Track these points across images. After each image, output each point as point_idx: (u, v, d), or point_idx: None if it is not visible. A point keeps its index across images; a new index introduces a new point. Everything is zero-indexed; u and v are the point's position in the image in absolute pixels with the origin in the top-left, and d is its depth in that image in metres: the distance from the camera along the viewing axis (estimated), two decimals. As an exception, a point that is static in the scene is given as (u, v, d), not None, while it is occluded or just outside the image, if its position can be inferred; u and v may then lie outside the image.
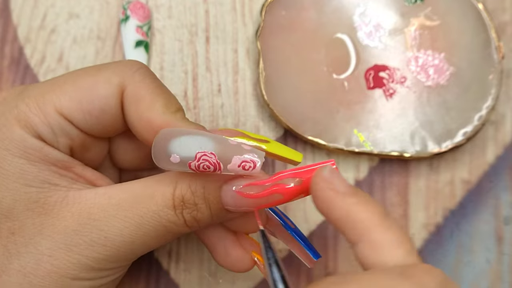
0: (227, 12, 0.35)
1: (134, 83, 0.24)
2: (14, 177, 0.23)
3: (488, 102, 0.33)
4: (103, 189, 0.24)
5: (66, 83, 0.24)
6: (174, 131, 0.23)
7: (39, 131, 0.24)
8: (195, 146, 0.22)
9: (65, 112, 0.24)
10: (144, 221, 0.24)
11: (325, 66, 0.34)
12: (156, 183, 0.24)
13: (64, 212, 0.24)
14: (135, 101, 0.24)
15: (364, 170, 0.34)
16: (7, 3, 0.35)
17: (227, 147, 0.22)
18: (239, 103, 0.34)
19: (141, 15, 0.34)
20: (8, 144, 0.23)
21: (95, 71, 0.25)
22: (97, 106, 0.24)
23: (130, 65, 0.25)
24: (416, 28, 0.35)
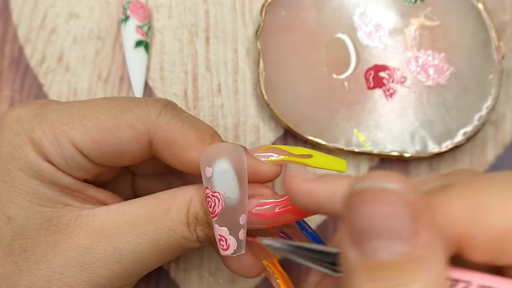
0: (227, 12, 0.35)
1: (162, 129, 0.24)
2: (28, 196, 0.23)
3: (488, 102, 0.33)
4: (116, 206, 0.24)
5: (86, 118, 0.24)
6: (233, 155, 0.23)
7: (53, 160, 0.24)
8: (224, 187, 0.23)
9: (82, 148, 0.24)
10: (159, 237, 0.24)
11: (325, 66, 0.34)
12: (170, 199, 0.24)
13: (78, 230, 0.24)
14: (168, 146, 0.24)
15: (364, 170, 0.34)
16: (7, 3, 0.35)
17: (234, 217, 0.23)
18: (239, 103, 0.34)
19: (141, 15, 0.34)
20: (23, 165, 0.23)
21: (118, 111, 0.24)
22: (116, 149, 0.24)
23: (153, 108, 0.24)
24: (416, 28, 0.35)
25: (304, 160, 0.24)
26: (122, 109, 0.24)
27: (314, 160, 0.24)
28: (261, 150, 0.25)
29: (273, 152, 0.25)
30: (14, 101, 0.34)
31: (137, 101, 0.25)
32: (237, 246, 0.23)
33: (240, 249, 0.23)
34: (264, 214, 0.23)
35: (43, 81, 0.34)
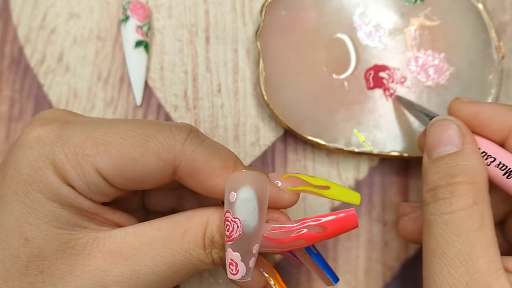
0: (227, 12, 0.35)
1: (187, 158, 0.24)
2: (47, 219, 0.23)
3: (488, 102, 0.33)
4: (133, 228, 0.25)
5: (111, 145, 0.24)
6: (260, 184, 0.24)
7: (74, 184, 0.23)
8: (246, 215, 0.23)
9: (106, 174, 0.24)
10: (176, 259, 0.24)
11: (325, 66, 0.34)
12: (187, 222, 0.25)
13: (95, 252, 0.24)
14: (193, 174, 0.24)
15: (364, 170, 0.34)
16: (7, 3, 0.35)
17: (248, 245, 0.23)
18: (239, 103, 0.34)
19: (141, 15, 0.34)
20: (43, 188, 0.23)
21: (143, 140, 0.24)
22: (140, 176, 0.24)
23: (179, 136, 0.24)
24: (416, 28, 0.35)
25: (322, 191, 0.26)
26: (147, 137, 0.24)
27: (331, 192, 0.26)
28: (283, 178, 0.26)
29: (294, 181, 0.26)
30: (14, 101, 0.34)
31: (161, 128, 0.24)
32: (245, 273, 0.24)
33: (247, 276, 0.24)
34: (278, 239, 0.24)
35: (43, 81, 0.34)
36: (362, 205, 0.34)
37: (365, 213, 0.34)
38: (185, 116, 0.34)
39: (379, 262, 0.33)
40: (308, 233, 0.24)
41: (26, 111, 0.34)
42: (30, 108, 0.34)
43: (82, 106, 0.34)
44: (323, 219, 0.24)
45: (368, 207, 0.34)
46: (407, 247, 0.34)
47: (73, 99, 0.34)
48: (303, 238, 0.24)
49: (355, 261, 0.33)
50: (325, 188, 0.26)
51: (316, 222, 0.24)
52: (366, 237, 0.34)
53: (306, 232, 0.24)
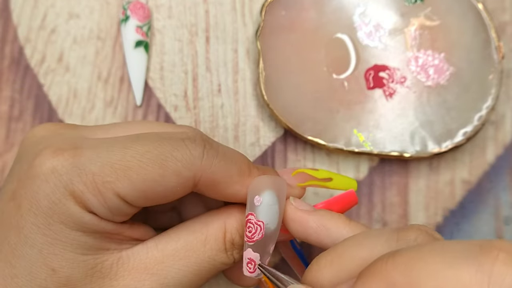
0: (227, 12, 0.35)
1: (207, 172, 0.25)
2: (71, 248, 0.24)
3: (488, 102, 0.33)
4: (153, 242, 0.25)
5: (131, 170, 0.23)
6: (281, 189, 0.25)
7: (97, 211, 0.24)
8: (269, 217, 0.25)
9: (128, 199, 0.24)
10: (201, 267, 0.25)
11: (325, 66, 0.34)
12: (205, 228, 0.26)
13: (121, 272, 0.24)
14: (212, 185, 0.25)
15: (364, 170, 0.34)
16: (7, 3, 0.35)
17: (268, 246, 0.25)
18: (239, 103, 0.34)
19: (141, 15, 0.34)
20: (65, 219, 0.23)
21: (162, 161, 0.24)
22: (162, 195, 0.24)
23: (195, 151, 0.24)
24: (416, 28, 0.35)
25: (326, 183, 0.28)
26: (165, 157, 0.24)
27: (333, 183, 0.28)
28: (292, 176, 0.28)
29: (302, 178, 0.28)
30: (14, 101, 0.34)
31: (177, 145, 0.24)
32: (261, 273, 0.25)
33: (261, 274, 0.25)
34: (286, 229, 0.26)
35: (43, 81, 0.34)
36: (362, 205, 0.34)
37: (365, 213, 0.34)
38: (185, 116, 0.34)
39: (379, 262, 0.33)
40: None
41: (26, 111, 0.34)
42: (30, 108, 0.34)
43: (82, 106, 0.34)
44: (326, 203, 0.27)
45: (368, 207, 0.34)
46: (407, 247, 0.34)
47: (73, 99, 0.34)
48: None
49: (355, 261, 0.33)
50: (328, 180, 0.28)
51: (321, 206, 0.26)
52: (366, 237, 0.34)
53: None
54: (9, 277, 0.23)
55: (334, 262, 0.22)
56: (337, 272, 0.22)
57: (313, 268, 0.23)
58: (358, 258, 0.21)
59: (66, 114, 0.34)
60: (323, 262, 0.23)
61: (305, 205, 0.26)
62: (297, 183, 0.27)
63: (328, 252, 0.23)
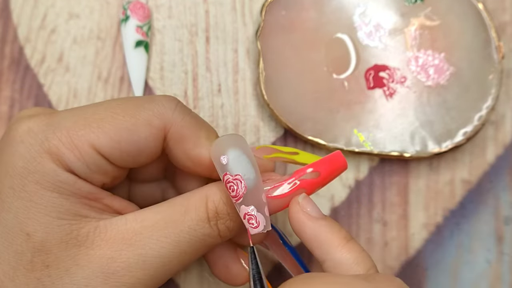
0: (227, 12, 0.35)
1: (176, 125, 0.25)
2: (46, 211, 0.23)
3: (488, 102, 0.33)
4: (133, 215, 0.25)
5: (104, 120, 0.24)
6: (242, 143, 0.25)
7: (73, 167, 0.23)
8: (243, 169, 0.24)
9: (103, 150, 0.24)
10: (180, 238, 0.24)
11: (325, 66, 0.34)
12: (186, 200, 0.25)
13: (98, 241, 0.24)
14: (181, 141, 0.25)
15: (364, 170, 0.34)
16: (7, 3, 0.35)
17: (257, 195, 0.24)
18: (239, 103, 0.34)
19: (141, 15, 0.34)
20: (40, 178, 0.23)
21: (133, 110, 0.24)
22: (136, 147, 0.24)
23: (168, 104, 0.25)
24: (416, 28, 0.35)
25: (293, 156, 0.28)
26: (137, 107, 0.24)
27: (299, 156, 0.28)
28: (256, 149, 0.28)
29: (266, 151, 0.28)
30: (14, 101, 0.34)
31: (150, 99, 0.25)
32: (266, 222, 0.24)
33: (268, 226, 0.24)
34: (280, 195, 0.25)
35: (43, 81, 0.34)
36: (362, 205, 0.34)
37: (365, 213, 0.34)
38: (185, 116, 0.34)
39: (379, 262, 0.33)
40: (305, 181, 0.25)
41: (26, 111, 0.34)
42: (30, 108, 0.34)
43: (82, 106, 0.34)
44: (314, 165, 0.26)
45: (368, 207, 0.34)
46: (407, 247, 0.34)
47: (73, 99, 0.34)
48: (302, 187, 0.25)
49: (355, 261, 0.33)
50: (294, 154, 0.28)
51: (310, 169, 0.25)
52: (366, 237, 0.34)
53: (303, 181, 0.25)
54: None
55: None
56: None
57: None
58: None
59: (66, 114, 0.34)
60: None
61: (312, 208, 0.25)
62: (263, 155, 0.27)
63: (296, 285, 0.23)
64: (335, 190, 0.34)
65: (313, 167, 0.26)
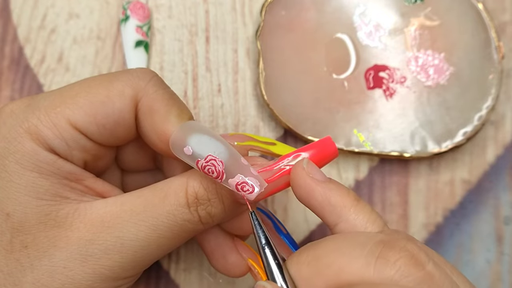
0: (227, 12, 0.35)
1: (148, 96, 0.25)
2: (26, 191, 0.23)
3: (488, 102, 0.33)
4: (113, 199, 0.25)
5: (78, 95, 0.24)
6: (198, 127, 0.24)
7: (52, 145, 0.23)
8: (210, 148, 0.23)
9: (79, 125, 0.24)
10: (159, 222, 0.24)
11: (325, 66, 0.34)
12: (166, 185, 0.25)
13: (77, 223, 0.24)
14: (149, 113, 0.25)
15: (364, 170, 0.34)
16: (7, 3, 0.35)
17: (237, 162, 0.23)
18: (239, 103, 0.34)
19: (141, 15, 0.34)
20: (20, 158, 0.23)
21: (107, 82, 0.24)
22: (111, 119, 0.24)
23: (143, 75, 0.25)
24: (416, 28, 0.35)
25: (269, 147, 0.26)
26: (111, 79, 0.24)
27: (276, 148, 0.26)
28: (229, 135, 0.26)
29: (240, 138, 0.26)
30: (14, 101, 0.34)
31: (125, 72, 0.25)
32: (259, 182, 0.23)
33: (263, 184, 0.23)
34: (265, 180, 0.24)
35: (43, 81, 0.34)
36: (362, 205, 0.34)
37: (365, 213, 0.34)
38: (185, 116, 0.34)
39: (379, 262, 0.33)
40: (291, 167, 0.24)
41: (26, 111, 0.34)
42: (30, 108, 0.34)
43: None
44: (302, 150, 0.24)
45: (368, 207, 0.34)
46: (407, 247, 0.34)
47: (73, 99, 0.34)
48: (287, 174, 0.24)
49: (355, 261, 0.33)
50: (271, 144, 0.26)
51: (296, 154, 0.24)
52: (366, 237, 0.34)
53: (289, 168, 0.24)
54: None
55: (311, 264, 0.22)
56: (312, 275, 0.21)
57: (293, 260, 0.22)
58: (336, 266, 0.21)
59: (66, 114, 0.34)
60: (303, 258, 0.22)
61: (317, 172, 0.24)
62: (235, 142, 0.26)
63: (309, 249, 0.22)
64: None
65: (301, 151, 0.25)
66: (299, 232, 0.34)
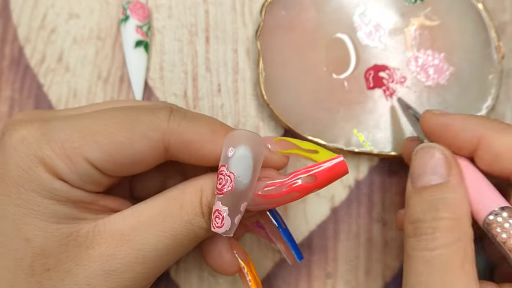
0: (227, 12, 0.35)
1: (176, 133, 0.24)
2: (45, 216, 0.23)
3: (488, 102, 0.33)
4: (129, 210, 0.25)
5: (98, 134, 0.24)
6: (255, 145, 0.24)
7: (66, 178, 0.24)
8: (240, 168, 0.24)
9: (96, 163, 0.24)
10: (177, 232, 0.24)
11: (325, 66, 0.34)
12: (181, 194, 0.25)
13: (97, 240, 0.24)
14: (185, 147, 0.25)
15: (364, 170, 0.34)
16: (7, 3, 0.35)
17: (239, 201, 0.24)
18: (239, 103, 0.34)
19: (141, 15, 0.34)
20: (36, 187, 0.23)
21: (128, 123, 0.24)
22: (131, 160, 0.24)
23: (161, 114, 0.25)
24: (416, 28, 0.35)
25: (311, 155, 0.26)
26: (131, 120, 0.24)
27: (319, 156, 0.26)
28: (274, 141, 0.26)
29: (284, 145, 0.26)
30: (14, 101, 0.34)
31: (143, 111, 0.25)
32: (229, 228, 0.24)
33: (230, 232, 0.24)
34: (271, 195, 0.24)
35: (43, 81, 0.34)
36: (362, 205, 0.34)
37: (365, 213, 0.34)
38: (185, 116, 0.34)
39: (379, 262, 0.33)
40: (300, 185, 0.24)
41: (26, 111, 0.34)
42: (30, 108, 0.34)
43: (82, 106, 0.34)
44: (313, 170, 0.24)
45: (368, 207, 0.34)
46: (407, 247, 0.34)
47: (73, 99, 0.34)
48: (295, 191, 0.24)
49: (355, 261, 0.33)
50: (314, 152, 0.26)
51: (307, 174, 0.24)
52: (366, 237, 0.34)
53: (299, 184, 0.24)
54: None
55: None
56: None
57: None
58: None
59: (66, 114, 0.34)
60: None
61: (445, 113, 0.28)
62: (278, 149, 0.26)
63: None
64: (335, 190, 0.34)
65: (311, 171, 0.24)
66: (299, 232, 0.34)
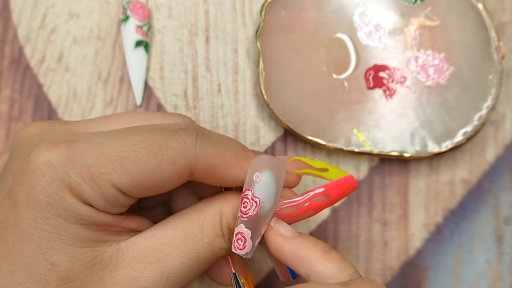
0: (227, 12, 0.35)
1: (202, 159, 0.25)
2: (70, 241, 0.24)
3: (488, 102, 0.33)
4: (151, 232, 0.25)
5: (126, 160, 0.24)
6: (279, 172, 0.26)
7: (93, 203, 0.24)
8: (265, 194, 0.25)
9: (124, 189, 0.24)
10: (199, 253, 0.25)
11: (325, 66, 0.34)
12: (201, 215, 0.26)
13: (121, 262, 0.24)
14: (210, 171, 0.25)
15: (364, 170, 0.34)
16: (7, 3, 0.35)
17: (261, 224, 0.25)
18: (239, 103, 0.34)
19: (141, 15, 0.34)
20: (62, 212, 0.23)
21: (156, 150, 0.24)
22: (157, 185, 0.25)
23: (188, 139, 0.25)
24: (416, 28, 0.35)
25: (322, 173, 0.28)
26: (160, 146, 0.24)
27: (329, 173, 0.28)
28: (289, 162, 0.28)
29: (298, 165, 0.28)
30: (14, 101, 0.34)
31: (171, 135, 0.25)
32: (250, 250, 0.25)
33: (250, 254, 0.25)
34: (289, 214, 0.26)
35: (43, 81, 0.34)
36: (362, 205, 0.34)
37: (365, 213, 0.34)
38: (185, 116, 0.34)
39: (379, 262, 0.33)
40: (315, 203, 0.26)
41: (26, 111, 0.34)
42: (30, 108, 0.34)
43: (81, 106, 0.34)
44: (327, 189, 0.26)
45: (368, 207, 0.34)
46: (407, 247, 0.34)
47: (72, 99, 0.34)
48: (311, 209, 0.26)
49: (355, 261, 0.33)
50: (324, 170, 0.28)
51: (320, 191, 0.26)
52: (366, 237, 0.34)
53: (313, 203, 0.26)
54: (8, 274, 0.23)
55: None
56: None
57: None
58: None
59: (66, 114, 0.34)
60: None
61: (285, 229, 0.26)
62: (294, 170, 0.27)
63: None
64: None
65: (325, 189, 0.26)
66: (299, 232, 0.34)
